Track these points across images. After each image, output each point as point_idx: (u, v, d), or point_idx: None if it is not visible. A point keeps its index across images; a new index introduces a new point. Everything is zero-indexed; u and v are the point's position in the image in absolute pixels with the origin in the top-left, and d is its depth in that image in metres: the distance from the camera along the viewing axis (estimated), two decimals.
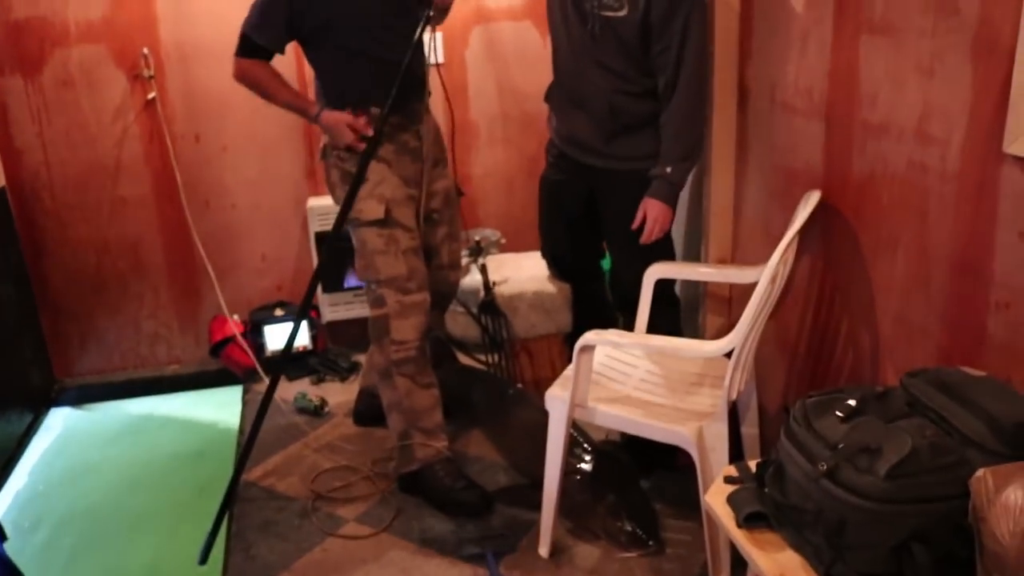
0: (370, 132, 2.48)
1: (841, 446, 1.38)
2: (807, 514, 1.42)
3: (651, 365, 2.42)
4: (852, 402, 1.46)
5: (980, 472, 1.26)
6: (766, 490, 1.53)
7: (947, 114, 1.68)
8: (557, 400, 2.23)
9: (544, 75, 2.76)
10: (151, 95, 3.34)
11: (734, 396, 2.15)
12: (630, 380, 2.36)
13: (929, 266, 1.78)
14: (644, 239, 2.54)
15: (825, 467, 1.37)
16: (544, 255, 3.11)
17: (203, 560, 2.39)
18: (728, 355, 2.04)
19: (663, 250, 2.64)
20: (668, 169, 2.49)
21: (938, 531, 1.31)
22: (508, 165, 3.74)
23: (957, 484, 1.29)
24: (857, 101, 1.96)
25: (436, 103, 2.76)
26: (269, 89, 2.56)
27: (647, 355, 2.45)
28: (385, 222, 2.51)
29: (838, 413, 1.44)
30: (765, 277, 1.89)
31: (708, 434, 2.08)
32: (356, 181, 2.47)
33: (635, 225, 2.54)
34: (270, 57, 2.55)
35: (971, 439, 1.34)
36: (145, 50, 3.29)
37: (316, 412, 3.21)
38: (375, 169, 2.51)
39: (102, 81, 3.32)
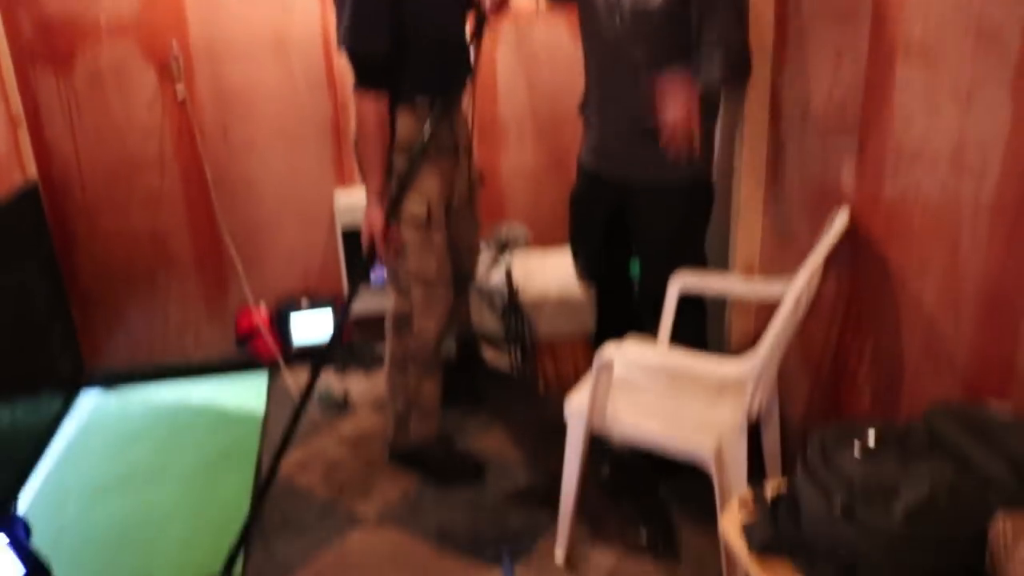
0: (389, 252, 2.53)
1: (857, 484, 1.37)
2: (820, 549, 1.42)
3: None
4: (871, 437, 1.44)
5: (999, 519, 1.25)
6: (779, 522, 1.53)
7: (984, 145, 1.64)
8: (576, 412, 2.23)
9: (574, 75, 2.73)
10: (180, 90, 3.35)
11: (755, 414, 2.14)
12: (654, 387, 2.34)
13: (959, 296, 1.75)
14: (666, 139, 2.34)
15: (840, 505, 1.37)
16: (573, 259, 3.08)
17: (226, 574, 2.38)
18: None
19: (694, 259, 2.62)
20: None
21: None
22: (536, 162, 3.72)
23: (975, 529, 1.28)
24: (891, 123, 1.92)
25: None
26: (375, 150, 2.46)
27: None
28: (425, 220, 2.53)
29: (856, 448, 1.43)
30: (788, 301, 1.87)
31: (727, 453, 2.07)
32: (407, 178, 2.48)
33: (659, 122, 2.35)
34: (387, 84, 2.42)
35: (992, 482, 1.32)
36: (175, 46, 3.30)
37: (340, 406, 3.25)
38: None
39: (132, 77, 3.33)
